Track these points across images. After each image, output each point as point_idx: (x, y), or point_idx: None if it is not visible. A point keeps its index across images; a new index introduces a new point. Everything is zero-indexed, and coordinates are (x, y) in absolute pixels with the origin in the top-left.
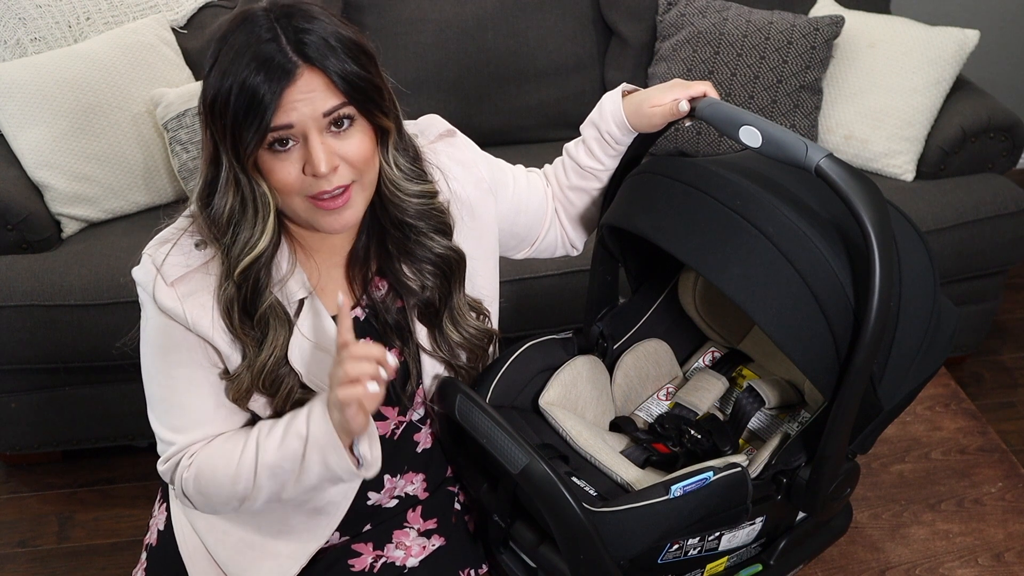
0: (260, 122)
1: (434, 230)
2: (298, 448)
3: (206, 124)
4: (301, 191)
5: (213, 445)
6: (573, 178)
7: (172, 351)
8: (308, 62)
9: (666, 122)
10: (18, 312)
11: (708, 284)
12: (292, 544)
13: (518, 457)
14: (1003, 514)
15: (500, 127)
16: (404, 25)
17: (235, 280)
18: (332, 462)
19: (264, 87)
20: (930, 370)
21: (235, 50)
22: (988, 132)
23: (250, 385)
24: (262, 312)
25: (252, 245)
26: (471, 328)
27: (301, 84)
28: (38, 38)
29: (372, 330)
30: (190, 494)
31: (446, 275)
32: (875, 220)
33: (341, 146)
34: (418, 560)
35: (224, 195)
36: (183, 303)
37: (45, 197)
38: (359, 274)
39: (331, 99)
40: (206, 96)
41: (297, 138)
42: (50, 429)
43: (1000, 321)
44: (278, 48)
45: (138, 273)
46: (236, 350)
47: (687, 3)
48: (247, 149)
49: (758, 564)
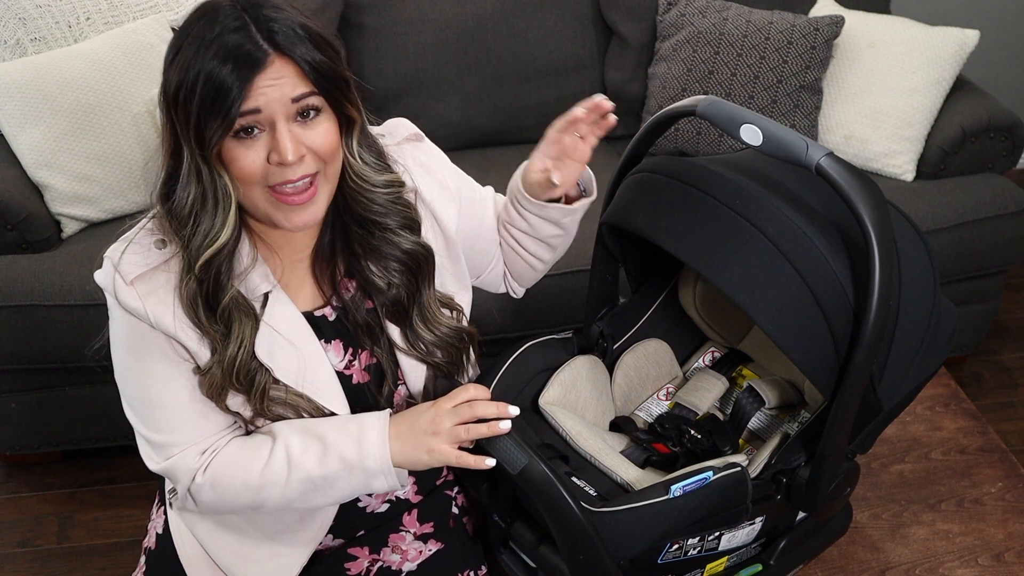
0: (228, 110)
1: (401, 226)
2: (340, 470)
3: (168, 115)
4: (264, 180)
5: (228, 452)
6: (502, 233)
7: (143, 349)
8: (278, 50)
9: (550, 193)
10: (18, 312)
11: (708, 284)
12: (289, 545)
13: (517, 457)
14: (1003, 514)
15: (500, 127)
16: (404, 25)
17: (196, 274)
18: (378, 485)
19: (232, 76)
20: (930, 370)
21: (200, 40)
22: (988, 132)
23: (223, 381)
24: (224, 305)
25: (214, 237)
26: (443, 327)
27: (271, 71)
28: (38, 38)
29: (343, 330)
30: (202, 498)
31: (413, 272)
32: (875, 219)
33: (307, 135)
34: (415, 564)
35: (186, 188)
36: (144, 301)
37: (45, 197)
38: (326, 273)
39: (300, 86)
40: (168, 87)
41: (263, 126)
42: (50, 429)
43: (1000, 321)
44: (247, 36)
45: (99, 276)
46: (204, 346)
47: (687, 3)
48: (212, 138)
49: (758, 564)
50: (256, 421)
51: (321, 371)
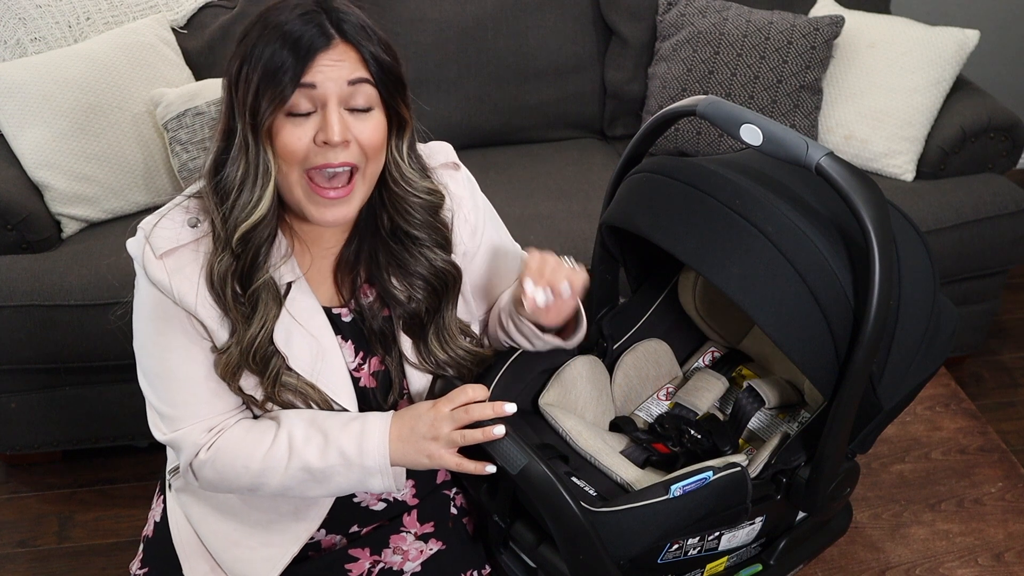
0: (284, 83)
1: (435, 243)
2: (339, 464)
3: (228, 94)
4: (305, 161)
5: (234, 434)
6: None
7: (165, 322)
8: (344, 37)
9: (539, 318)
10: (18, 312)
11: (708, 284)
12: (281, 535)
13: (517, 458)
14: (1003, 514)
15: (500, 127)
16: (404, 25)
17: (233, 248)
18: (374, 484)
19: (294, 53)
20: (930, 370)
21: (268, 24)
22: (988, 132)
23: (239, 361)
24: (256, 287)
25: (251, 211)
26: (460, 350)
27: (333, 53)
28: (38, 38)
29: (357, 333)
30: (203, 474)
31: (438, 291)
32: (875, 218)
33: (357, 125)
34: (417, 564)
35: (233, 164)
36: (171, 277)
37: (45, 197)
38: (347, 277)
39: (359, 71)
40: (233, 63)
41: (316, 105)
42: (50, 429)
43: (1000, 321)
44: (317, 22)
45: (131, 244)
46: (224, 326)
47: (687, 3)
48: (265, 111)
49: (758, 564)
50: (266, 404)
51: (335, 365)
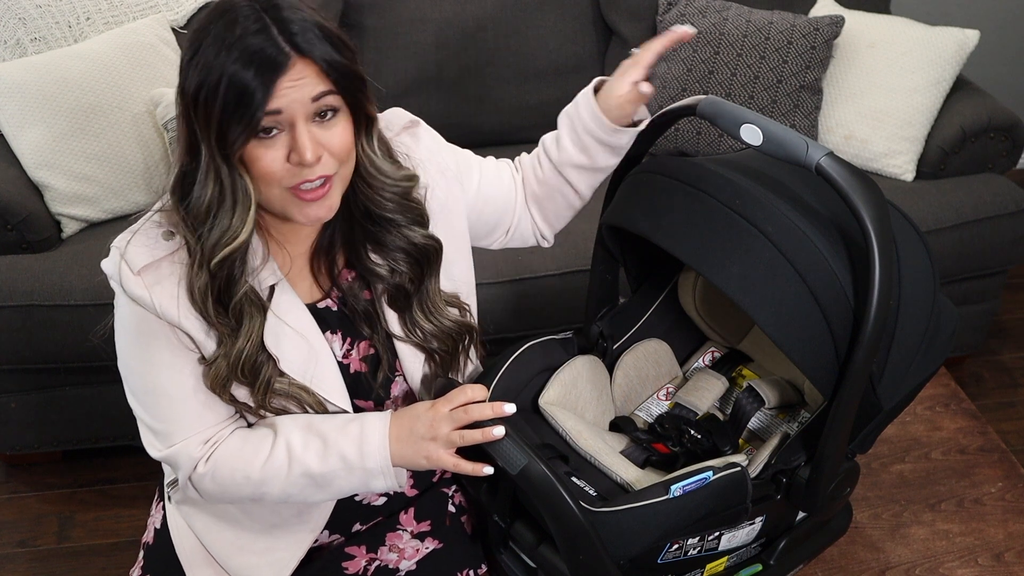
0: (252, 116)
1: (411, 222)
2: (340, 468)
3: (186, 114)
4: (283, 181)
5: (231, 444)
6: (547, 172)
7: (148, 338)
8: (298, 51)
9: (637, 108)
10: (18, 312)
11: (708, 284)
12: (286, 538)
13: (517, 458)
14: (1003, 514)
15: (500, 127)
16: (404, 25)
17: (210, 269)
18: (377, 484)
19: (256, 81)
20: (930, 370)
21: (221, 41)
22: (988, 132)
23: (228, 373)
24: (236, 301)
25: (232, 237)
26: (445, 319)
27: (292, 73)
28: (38, 38)
29: (343, 320)
30: (203, 487)
31: (420, 263)
32: (875, 218)
33: (325, 136)
34: (413, 563)
35: (204, 186)
36: (150, 291)
37: (45, 197)
38: (324, 266)
39: (320, 85)
40: (187, 88)
41: (283, 126)
42: (50, 429)
43: (1000, 321)
44: (268, 39)
45: (106, 264)
46: (211, 337)
47: (687, 3)
48: (236, 141)
49: (758, 564)
50: (259, 412)
51: (325, 364)
